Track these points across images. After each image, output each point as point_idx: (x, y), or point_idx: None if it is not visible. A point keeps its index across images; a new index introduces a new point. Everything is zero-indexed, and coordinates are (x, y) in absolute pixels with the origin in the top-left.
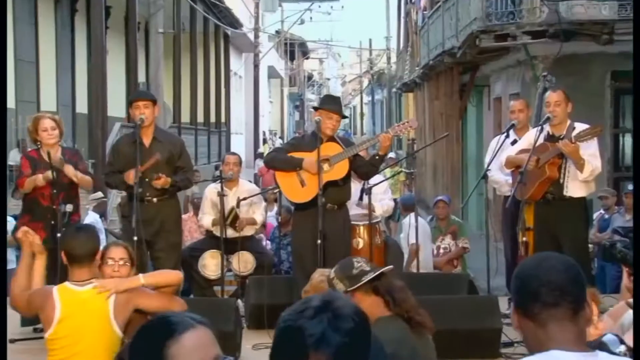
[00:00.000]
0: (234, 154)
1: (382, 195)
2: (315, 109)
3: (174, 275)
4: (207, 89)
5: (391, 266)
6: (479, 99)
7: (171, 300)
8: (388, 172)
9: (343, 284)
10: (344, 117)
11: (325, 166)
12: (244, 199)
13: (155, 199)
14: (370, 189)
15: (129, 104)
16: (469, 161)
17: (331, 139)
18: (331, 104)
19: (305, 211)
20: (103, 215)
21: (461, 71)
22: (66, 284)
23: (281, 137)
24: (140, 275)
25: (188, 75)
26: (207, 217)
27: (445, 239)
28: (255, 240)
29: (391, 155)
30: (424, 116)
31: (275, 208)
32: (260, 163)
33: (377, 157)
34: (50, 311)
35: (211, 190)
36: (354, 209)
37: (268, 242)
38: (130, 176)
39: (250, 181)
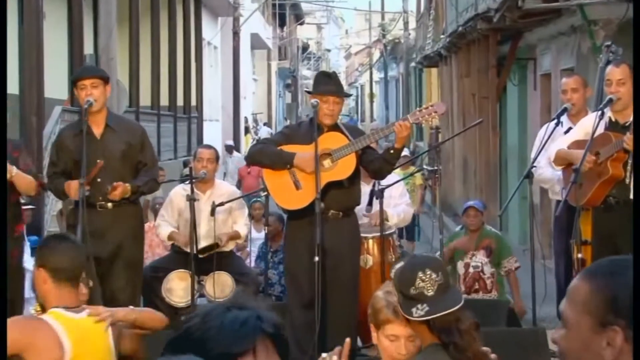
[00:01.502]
0: (208, 147)
1: (398, 199)
2: (309, 93)
3: (159, 321)
4: (172, 64)
5: (460, 303)
6: (522, 75)
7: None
8: (400, 172)
9: (397, 295)
10: (346, 95)
11: (327, 162)
12: (221, 204)
13: (110, 205)
14: (382, 191)
15: (73, 82)
16: (509, 155)
17: (334, 127)
18: (324, 83)
19: (300, 221)
20: (34, 230)
21: (499, 40)
22: (60, 311)
23: (267, 125)
24: (132, 307)
25: (148, 46)
26: (166, 227)
27: (477, 255)
28: (235, 257)
29: (405, 153)
30: (451, 98)
31: (264, 231)
32: (234, 159)
33: (392, 151)
34: (52, 351)
35: (178, 194)
36: (361, 217)
37: (253, 258)
38: (72, 189)
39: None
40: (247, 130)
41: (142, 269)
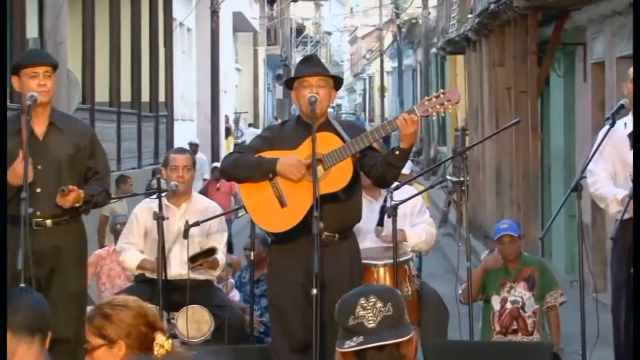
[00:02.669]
0: (182, 151)
1: (417, 217)
2: (287, 85)
3: None
4: (136, 50)
5: (411, 334)
6: (569, 64)
7: None
8: (417, 186)
9: (339, 330)
10: (335, 78)
11: (317, 171)
12: (196, 224)
13: (49, 222)
14: (395, 208)
15: (14, 70)
16: (553, 163)
17: (325, 125)
18: (302, 65)
19: (288, 245)
20: None
21: (540, 21)
22: None
23: (253, 125)
24: None
25: (106, 29)
26: (132, 253)
27: (516, 288)
28: (213, 287)
29: (406, 171)
30: (481, 92)
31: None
32: (205, 170)
33: (397, 152)
34: None
35: (144, 210)
36: (369, 239)
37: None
38: (17, 171)
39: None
40: (228, 132)
41: (85, 300)
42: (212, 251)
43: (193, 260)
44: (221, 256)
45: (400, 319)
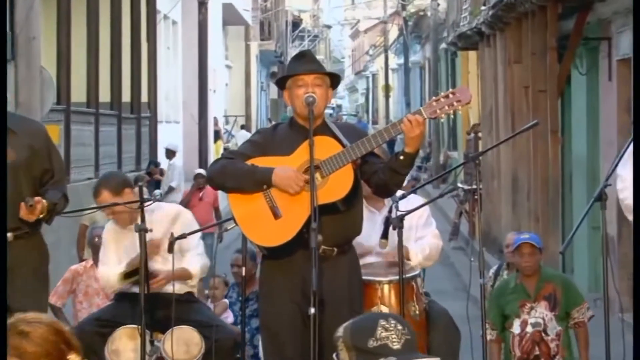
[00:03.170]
0: (107, 183)
1: (422, 229)
2: (279, 84)
3: None
4: (116, 46)
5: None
6: (592, 61)
7: None
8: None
9: (349, 355)
10: (332, 76)
11: (315, 178)
12: (182, 236)
13: (10, 236)
14: (401, 219)
15: None
16: (575, 170)
17: (322, 128)
18: (297, 63)
19: (282, 260)
20: None
21: (561, 13)
22: None
23: (245, 128)
24: None
25: (83, 22)
26: (111, 269)
27: (537, 308)
28: (200, 304)
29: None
30: (496, 91)
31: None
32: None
33: (401, 157)
34: None
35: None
36: (371, 254)
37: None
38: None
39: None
40: (217, 136)
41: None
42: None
43: (127, 277)
44: (194, 264)
45: (416, 343)
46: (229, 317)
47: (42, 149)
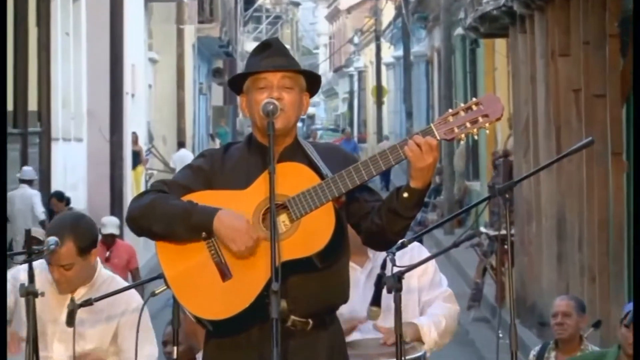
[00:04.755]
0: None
1: (428, 290)
2: (232, 86)
3: None
4: None
5: None
6: None
7: None
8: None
9: None
10: (309, 76)
11: (281, 222)
12: (88, 302)
13: None
14: (400, 276)
15: None
16: None
17: (291, 150)
18: (258, 54)
19: (233, 338)
20: None
21: None
22: None
23: (183, 145)
24: None
25: None
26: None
27: None
28: None
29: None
30: (533, 96)
31: None
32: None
33: (404, 195)
34: None
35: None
36: (356, 329)
37: None
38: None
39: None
40: (137, 159)
41: None
42: None
43: None
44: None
45: None
46: None
47: None
